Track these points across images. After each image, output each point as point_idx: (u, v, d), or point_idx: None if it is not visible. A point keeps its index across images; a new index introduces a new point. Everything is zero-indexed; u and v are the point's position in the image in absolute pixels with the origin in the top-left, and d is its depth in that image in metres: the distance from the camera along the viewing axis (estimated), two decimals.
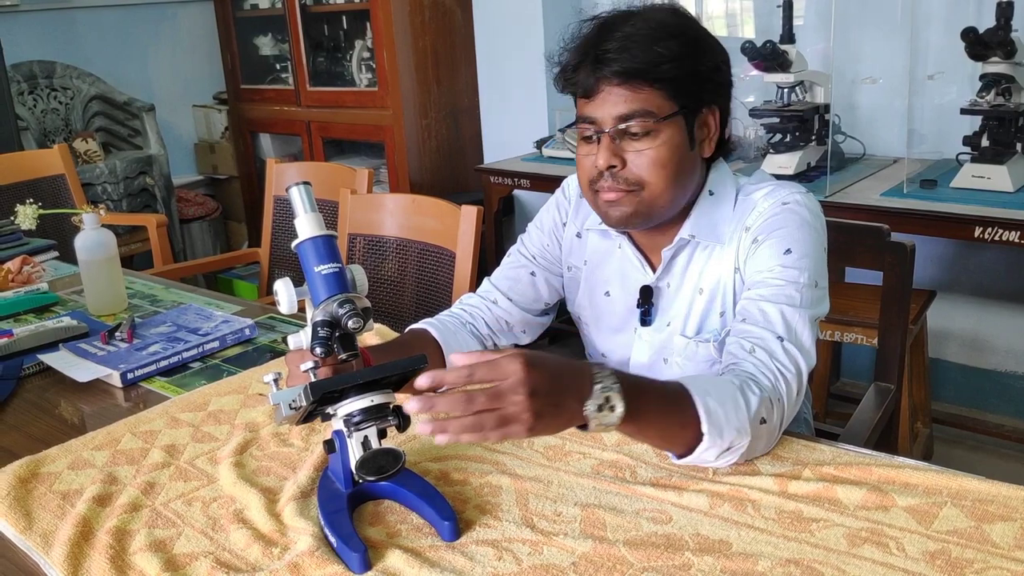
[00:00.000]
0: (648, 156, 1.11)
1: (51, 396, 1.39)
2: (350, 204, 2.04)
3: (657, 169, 1.11)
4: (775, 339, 1.07)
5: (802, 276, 1.10)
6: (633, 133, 1.10)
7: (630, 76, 1.08)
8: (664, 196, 1.13)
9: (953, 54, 2.27)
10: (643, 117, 1.09)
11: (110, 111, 3.93)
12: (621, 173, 1.11)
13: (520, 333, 1.36)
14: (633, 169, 1.11)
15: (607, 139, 1.10)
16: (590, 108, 1.12)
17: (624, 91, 1.09)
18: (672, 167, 1.12)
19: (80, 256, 1.72)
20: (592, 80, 1.10)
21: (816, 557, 0.86)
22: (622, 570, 0.86)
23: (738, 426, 0.97)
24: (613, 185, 1.12)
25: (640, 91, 1.08)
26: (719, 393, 0.98)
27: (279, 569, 0.89)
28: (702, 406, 0.96)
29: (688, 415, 0.96)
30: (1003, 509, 0.91)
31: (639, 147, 1.11)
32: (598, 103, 1.10)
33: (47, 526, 1.00)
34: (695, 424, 0.96)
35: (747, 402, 0.99)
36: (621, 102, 1.09)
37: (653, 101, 1.09)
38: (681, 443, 0.98)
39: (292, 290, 0.99)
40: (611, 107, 1.09)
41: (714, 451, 0.98)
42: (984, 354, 2.74)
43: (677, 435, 0.98)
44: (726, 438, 0.97)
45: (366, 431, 0.95)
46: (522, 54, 3.31)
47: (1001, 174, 2.18)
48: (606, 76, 1.08)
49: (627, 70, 1.07)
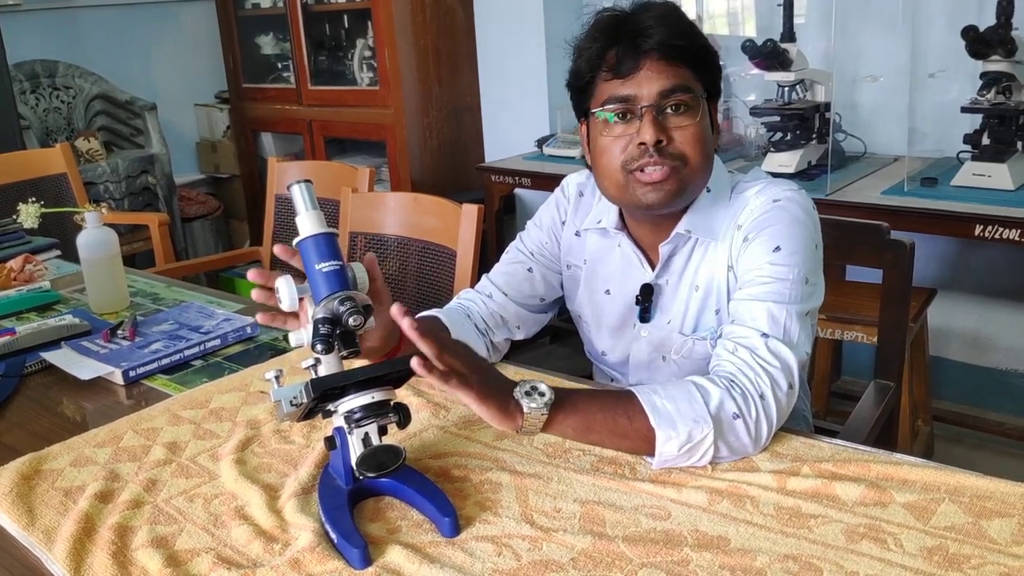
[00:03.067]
0: (691, 131, 1.12)
1: (53, 394, 1.40)
2: (351, 203, 2.05)
3: (698, 144, 1.12)
4: (759, 336, 1.07)
5: (791, 272, 1.10)
6: (674, 109, 1.11)
7: (672, 50, 1.09)
8: (701, 173, 1.15)
9: (954, 52, 2.27)
10: (683, 93, 1.11)
11: (112, 110, 3.94)
12: (667, 148, 1.11)
13: (515, 328, 1.35)
14: (678, 144, 1.12)
15: (650, 115, 1.10)
16: (627, 86, 1.11)
17: (666, 66, 1.10)
18: (708, 145, 1.14)
19: (82, 255, 1.73)
20: (631, 58, 1.10)
21: (814, 553, 0.87)
22: (621, 566, 0.87)
23: (694, 416, 0.99)
24: (660, 160, 1.11)
25: (679, 67, 1.10)
26: (667, 391, 1.02)
27: (280, 565, 0.89)
28: (646, 401, 1.00)
29: (634, 409, 1.00)
30: (1000, 505, 0.92)
31: (682, 122, 1.11)
32: (639, 79, 1.10)
33: (50, 522, 1.00)
34: (644, 417, 0.99)
35: (704, 393, 1.01)
36: (663, 78, 1.10)
37: (689, 78, 1.11)
38: (639, 439, 1.00)
39: (293, 287, 1.00)
40: (653, 82, 1.10)
41: (674, 443, 0.99)
42: (985, 352, 2.74)
43: (629, 431, 1.00)
44: (681, 429, 0.99)
45: (367, 428, 0.95)
46: (523, 53, 3.31)
47: (1002, 172, 2.18)
48: (648, 50, 1.09)
49: (668, 44, 1.09)
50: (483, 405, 0.96)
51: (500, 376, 1.01)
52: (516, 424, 0.98)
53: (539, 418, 0.98)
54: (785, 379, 1.06)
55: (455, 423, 1.19)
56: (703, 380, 1.04)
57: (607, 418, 1.01)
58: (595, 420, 1.00)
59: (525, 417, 0.97)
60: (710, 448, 1.00)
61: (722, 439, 1.01)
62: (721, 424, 1.00)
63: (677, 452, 1.00)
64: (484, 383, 0.97)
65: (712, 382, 1.03)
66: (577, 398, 1.01)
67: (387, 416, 0.96)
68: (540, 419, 0.98)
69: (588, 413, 1.00)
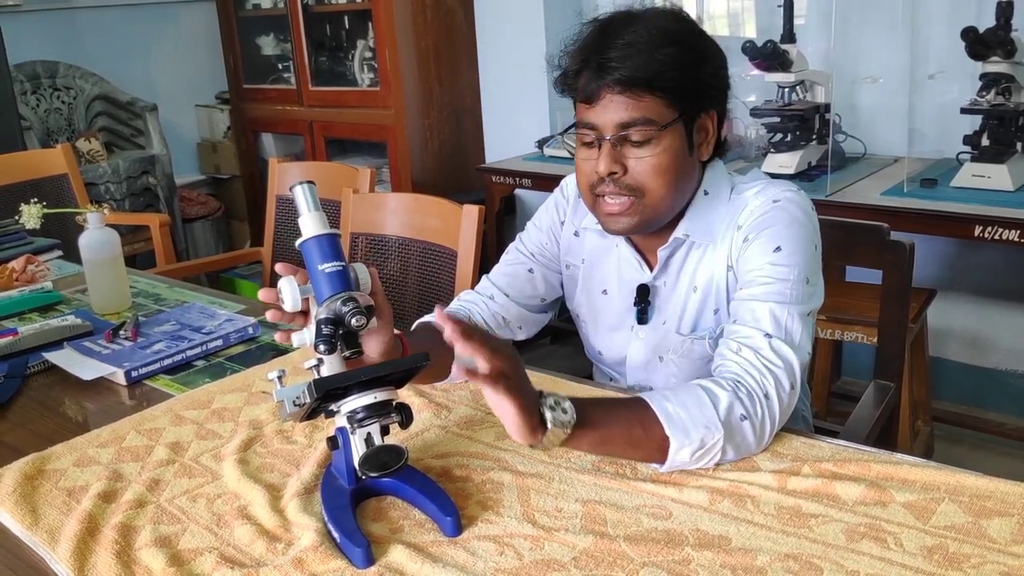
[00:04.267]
0: (649, 163, 1.11)
1: (56, 394, 1.40)
2: (352, 203, 2.05)
3: (658, 176, 1.12)
4: (763, 336, 1.07)
5: (792, 273, 1.11)
6: (634, 140, 1.10)
7: (632, 84, 1.08)
8: (664, 202, 1.14)
9: (953, 53, 2.28)
10: (644, 125, 1.09)
11: (113, 111, 3.94)
12: (622, 179, 1.12)
13: (516, 329, 1.36)
14: (634, 175, 1.12)
15: (608, 146, 1.11)
16: (591, 114, 1.12)
17: (626, 99, 1.09)
18: (672, 173, 1.12)
19: (84, 255, 1.73)
20: (593, 86, 1.10)
21: (815, 552, 0.87)
22: (622, 565, 0.87)
23: (705, 423, 0.99)
24: (615, 190, 1.12)
25: (641, 99, 1.09)
26: (678, 398, 1.01)
27: (283, 564, 0.90)
28: (660, 410, 0.99)
29: (648, 418, 0.99)
30: (1000, 505, 0.92)
31: (640, 154, 1.11)
32: (599, 109, 1.10)
33: (53, 522, 1.01)
34: (658, 426, 0.98)
35: (713, 399, 1.01)
36: (622, 110, 1.09)
37: (654, 109, 1.09)
38: (652, 447, 0.99)
39: (296, 288, 1.00)
40: (612, 114, 1.10)
41: (687, 451, 0.99)
42: (985, 353, 2.75)
43: (644, 440, 0.99)
44: (694, 436, 0.98)
45: (369, 428, 0.95)
46: (524, 54, 3.32)
47: (1001, 173, 2.19)
48: (608, 84, 1.08)
49: (629, 78, 1.07)
50: (519, 416, 0.90)
51: (530, 384, 0.95)
52: (536, 438, 0.93)
53: (560, 436, 0.94)
54: (788, 379, 1.06)
55: (457, 423, 1.19)
56: (711, 384, 1.04)
57: (623, 431, 0.99)
58: (612, 434, 0.98)
59: (547, 433, 0.93)
60: (719, 452, 1.01)
61: (731, 442, 1.01)
62: (731, 428, 1.00)
63: (689, 459, 1.00)
64: (524, 392, 0.91)
65: (720, 385, 1.03)
66: (595, 415, 0.97)
67: (389, 416, 0.97)
68: (560, 437, 0.94)
69: (605, 428, 0.98)
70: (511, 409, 0.89)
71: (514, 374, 0.90)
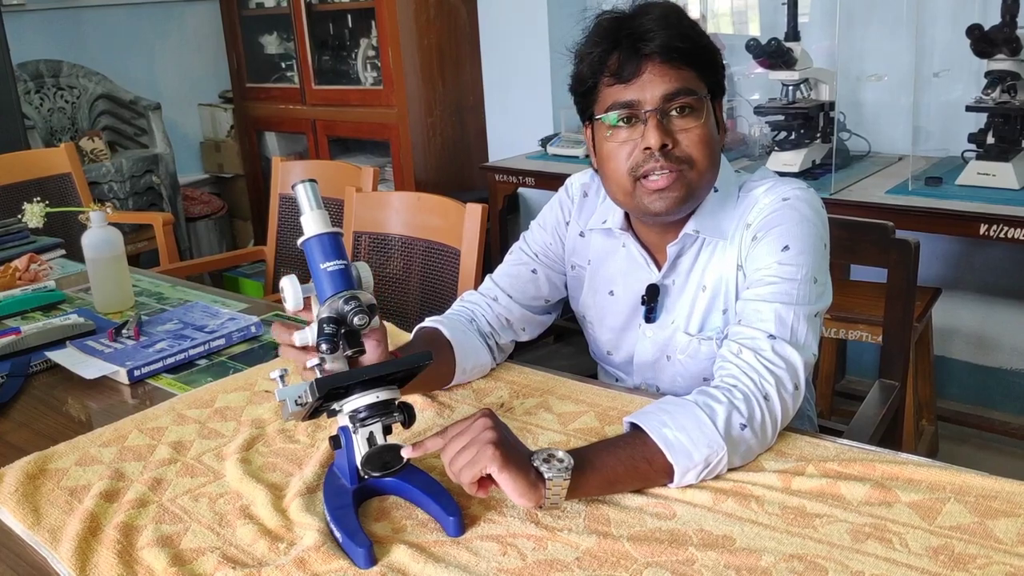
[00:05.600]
0: (696, 134, 1.11)
1: (58, 393, 1.40)
2: (355, 202, 2.05)
3: (704, 147, 1.12)
4: (765, 338, 1.07)
5: (800, 272, 1.10)
6: (680, 110, 1.10)
7: (674, 53, 1.08)
8: (708, 175, 1.14)
9: (958, 51, 2.27)
10: (688, 96, 1.10)
11: (116, 110, 3.94)
12: (672, 152, 1.11)
13: (520, 330, 1.35)
14: (683, 147, 1.11)
15: (655, 119, 1.09)
16: (630, 91, 1.10)
17: (668, 69, 1.09)
18: (714, 147, 1.13)
19: (87, 254, 1.73)
20: (633, 62, 1.09)
21: (820, 552, 0.87)
22: (626, 565, 0.87)
23: (707, 443, 0.98)
24: (665, 164, 1.10)
25: (681, 69, 1.09)
26: (675, 419, 0.99)
27: (285, 564, 0.89)
28: (660, 439, 0.97)
29: (649, 449, 0.97)
30: (1007, 505, 0.92)
31: (686, 125, 1.11)
32: (640, 85, 1.09)
33: (55, 522, 1.01)
34: (660, 456, 0.97)
35: (710, 415, 0.99)
36: (667, 80, 1.09)
37: (693, 80, 1.10)
38: (658, 477, 0.98)
39: (298, 287, 1.00)
40: (657, 86, 1.09)
41: (693, 473, 0.98)
42: (990, 352, 2.74)
43: (650, 472, 0.98)
44: (697, 459, 0.97)
45: (371, 427, 0.95)
46: (527, 52, 3.31)
47: (1006, 171, 2.18)
48: (650, 53, 1.08)
49: (669, 46, 1.08)
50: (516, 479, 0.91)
51: (520, 445, 0.96)
52: (539, 495, 0.92)
53: (562, 485, 0.92)
54: (791, 380, 1.05)
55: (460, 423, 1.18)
56: (706, 397, 1.02)
57: (627, 468, 0.97)
58: (616, 473, 0.97)
59: (548, 485, 0.92)
60: (725, 466, 1.00)
61: (735, 454, 1.00)
62: (732, 440, 0.99)
63: (696, 479, 0.99)
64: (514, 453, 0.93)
65: (713, 397, 1.02)
66: (593, 455, 0.96)
67: (392, 415, 0.96)
68: (563, 486, 0.92)
69: (608, 467, 0.96)
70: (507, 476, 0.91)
71: (503, 440, 0.92)
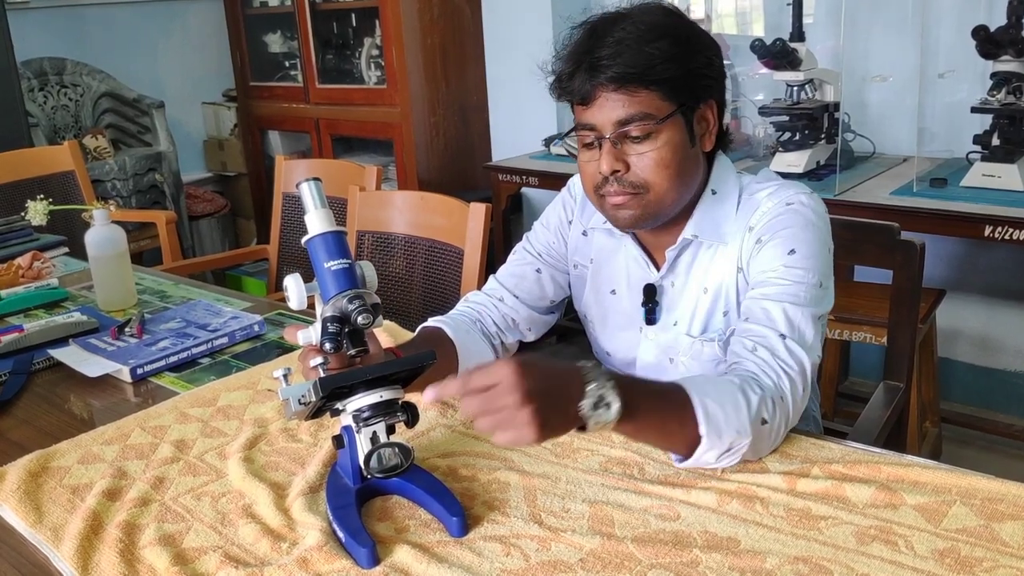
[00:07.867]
0: (650, 158, 1.10)
1: (61, 391, 1.40)
2: (359, 201, 2.05)
3: (660, 170, 1.11)
4: (777, 337, 1.06)
5: (807, 276, 1.10)
6: (634, 136, 1.10)
7: (625, 81, 1.07)
8: (669, 195, 1.13)
9: (964, 52, 2.27)
10: (642, 120, 1.09)
11: (120, 108, 3.94)
12: (625, 177, 1.11)
13: (526, 331, 1.35)
14: (637, 172, 1.11)
15: (608, 145, 1.10)
16: (588, 115, 1.11)
17: (621, 96, 1.08)
18: (675, 166, 1.12)
19: (90, 252, 1.73)
20: (588, 87, 1.09)
21: (825, 555, 0.86)
22: (630, 567, 0.86)
23: (738, 427, 0.97)
24: (619, 189, 1.12)
25: (637, 94, 1.08)
26: (719, 394, 0.98)
27: (288, 563, 0.89)
28: (700, 407, 0.96)
29: (687, 414, 0.96)
30: (1013, 508, 0.91)
31: (641, 150, 1.10)
32: (596, 109, 1.10)
33: (57, 520, 1.00)
34: (694, 424, 0.96)
35: (748, 402, 0.99)
36: (619, 107, 1.08)
37: (651, 103, 1.09)
38: (681, 443, 0.98)
39: (302, 286, 0.99)
40: (609, 112, 1.09)
41: (714, 452, 0.98)
42: (994, 354, 2.73)
43: (676, 434, 0.98)
44: (725, 439, 0.97)
45: (375, 427, 0.95)
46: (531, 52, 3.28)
47: (1012, 173, 2.17)
48: (602, 82, 1.08)
49: (622, 75, 1.07)
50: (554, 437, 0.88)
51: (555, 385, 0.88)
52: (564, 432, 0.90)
53: (602, 429, 0.90)
54: (801, 382, 1.05)
55: (463, 422, 1.18)
56: (746, 384, 1.01)
57: (660, 424, 0.97)
58: (649, 424, 0.96)
59: (588, 429, 0.89)
60: (740, 456, 1.00)
61: (753, 447, 1.00)
62: (756, 432, 0.99)
63: (714, 460, 0.99)
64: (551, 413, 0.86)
65: (750, 386, 1.01)
66: (641, 406, 0.92)
67: (395, 415, 0.96)
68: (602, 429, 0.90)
69: (646, 421, 0.94)
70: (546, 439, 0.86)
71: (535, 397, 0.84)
